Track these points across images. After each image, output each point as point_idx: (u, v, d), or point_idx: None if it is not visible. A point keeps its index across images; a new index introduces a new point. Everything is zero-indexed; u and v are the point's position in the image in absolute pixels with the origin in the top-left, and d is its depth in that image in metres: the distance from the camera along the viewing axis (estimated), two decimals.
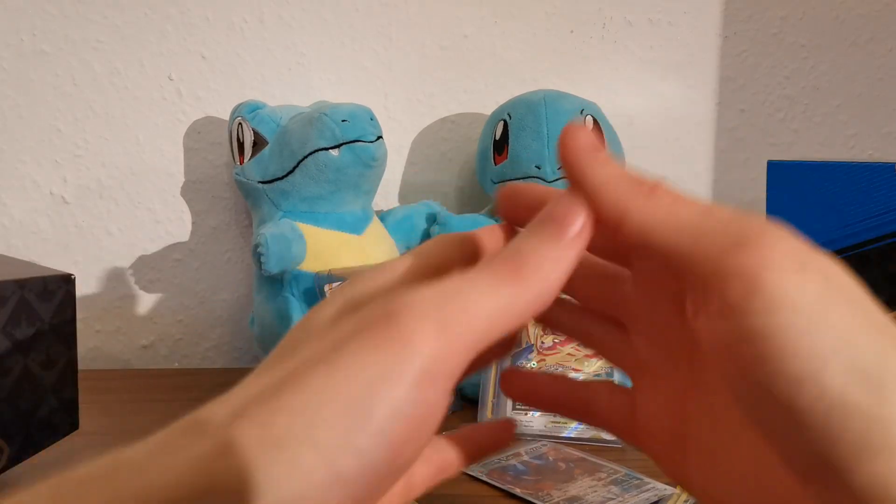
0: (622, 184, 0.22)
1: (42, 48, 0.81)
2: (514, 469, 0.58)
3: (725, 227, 0.20)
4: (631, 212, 0.21)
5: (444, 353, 0.20)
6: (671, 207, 0.21)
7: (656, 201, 0.21)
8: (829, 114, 0.88)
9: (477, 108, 0.86)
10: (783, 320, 0.18)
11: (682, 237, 0.21)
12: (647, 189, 0.22)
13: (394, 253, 0.77)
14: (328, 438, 0.19)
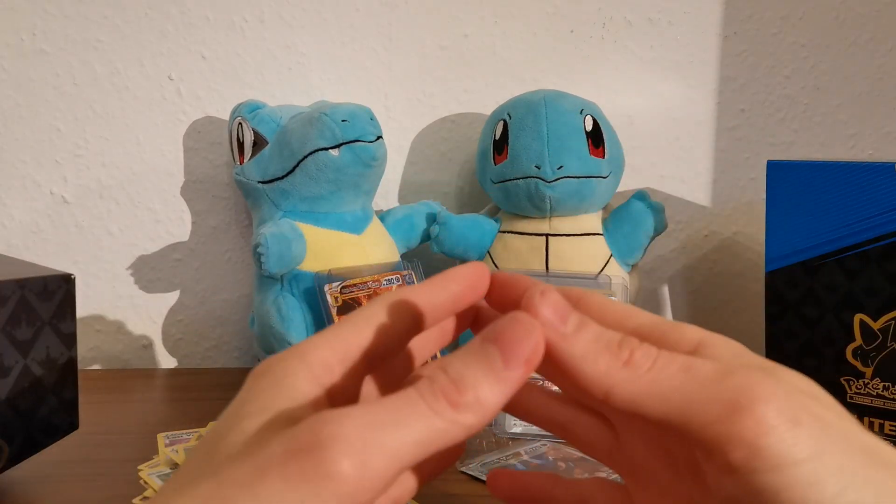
0: (600, 358, 0.22)
1: (42, 48, 0.81)
2: (514, 468, 0.58)
3: (712, 392, 0.21)
4: (614, 388, 0.22)
5: (366, 485, 0.20)
6: (652, 375, 0.21)
7: (635, 371, 0.22)
8: (829, 114, 0.88)
9: (477, 108, 0.86)
10: (787, 476, 0.20)
11: (671, 407, 0.21)
12: (624, 357, 0.22)
13: (394, 252, 0.77)
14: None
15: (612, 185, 0.75)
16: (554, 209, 0.73)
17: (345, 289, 0.69)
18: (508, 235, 0.76)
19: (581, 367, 0.22)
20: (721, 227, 0.89)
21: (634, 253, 0.74)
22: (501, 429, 0.65)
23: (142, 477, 0.52)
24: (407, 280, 0.73)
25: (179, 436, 0.58)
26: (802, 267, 0.64)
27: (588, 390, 0.22)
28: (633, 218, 0.74)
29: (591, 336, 0.22)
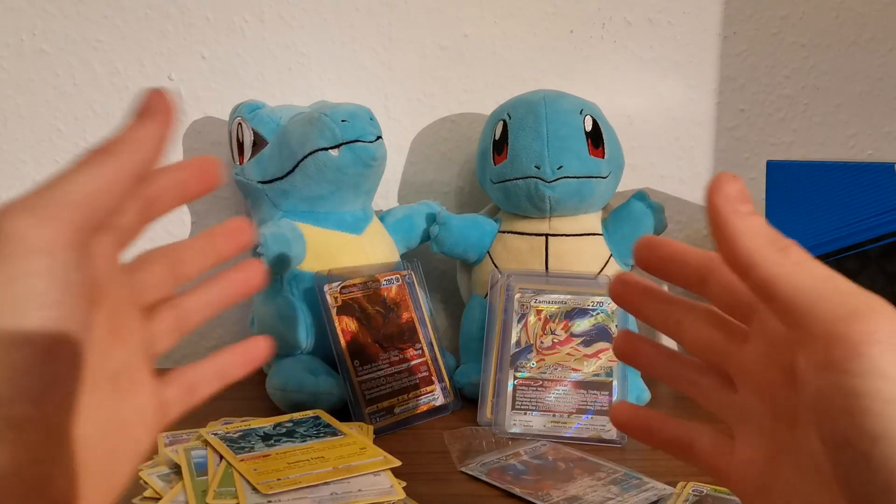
0: (759, 236, 0.25)
1: (42, 48, 0.81)
2: (514, 469, 0.58)
3: (843, 298, 0.23)
4: (762, 262, 0.24)
5: (53, 234, 0.22)
6: (798, 267, 0.24)
7: (787, 258, 0.24)
8: (828, 114, 0.88)
9: (477, 108, 0.86)
10: (874, 385, 0.22)
11: (803, 296, 0.24)
12: (781, 246, 0.25)
13: (394, 252, 0.77)
14: None
15: (612, 185, 0.75)
16: (554, 209, 0.73)
17: (345, 289, 0.69)
18: (508, 235, 0.76)
19: (741, 239, 0.25)
20: None
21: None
22: (501, 429, 0.65)
23: (142, 477, 0.52)
24: (407, 280, 0.73)
25: (179, 436, 0.58)
26: None
27: (738, 260, 0.25)
28: (633, 218, 0.74)
29: (759, 222, 0.25)
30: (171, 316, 0.31)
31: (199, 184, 0.30)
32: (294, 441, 0.57)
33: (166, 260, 0.31)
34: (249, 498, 0.48)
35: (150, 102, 0.26)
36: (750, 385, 0.29)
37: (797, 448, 0.26)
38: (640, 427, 0.33)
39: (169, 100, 0.26)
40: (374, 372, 0.67)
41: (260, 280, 0.33)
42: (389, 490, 0.50)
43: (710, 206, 0.26)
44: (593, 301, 0.69)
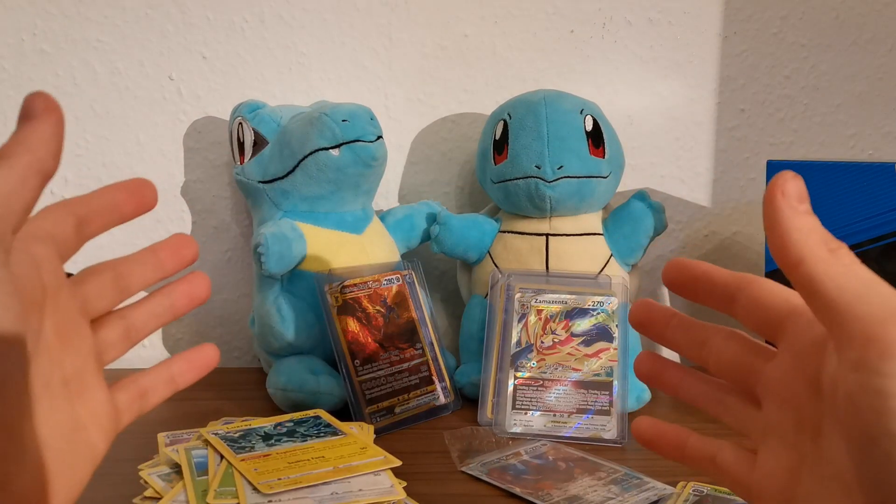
0: (812, 234, 0.26)
1: (42, 48, 0.81)
2: (514, 468, 0.58)
3: (884, 301, 0.24)
4: (811, 259, 0.25)
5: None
6: (845, 268, 0.25)
7: (835, 259, 0.25)
8: (829, 114, 0.88)
9: (477, 108, 0.86)
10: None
11: (845, 296, 0.24)
12: (832, 246, 0.26)
13: (394, 252, 0.77)
14: None
15: (612, 185, 0.75)
16: (554, 209, 0.73)
17: (345, 289, 0.69)
18: (508, 235, 0.76)
19: (794, 235, 0.26)
20: (721, 227, 0.89)
21: (634, 253, 0.75)
22: (502, 429, 0.65)
23: (142, 477, 0.52)
24: (407, 280, 0.73)
25: (180, 436, 0.58)
26: None
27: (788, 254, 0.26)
28: (633, 218, 0.74)
29: (814, 222, 0.26)
30: (119, 326, 0.33)
31: (133, 205, 0.32)
32: (294, 441, 0.57)
33: (111, 273, 0.32)
34: (250, 497, 0.48)
35: (33, 104, 0.27)
36: (775, 399, 0.29)
37: (820, 457, 0.27)
38: (665, 443, 0.34)
39: (51, 99, 0.27)
40: (375, 372, 0.67)
41: (205, 293, 0.35)
42: (390, 490, 0.51)
43: (769, 200, 0.26)
44: (594, 301, 0.69)
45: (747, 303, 0.30)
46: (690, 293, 0.32)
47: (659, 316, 0.33)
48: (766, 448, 0.30)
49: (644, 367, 0.35)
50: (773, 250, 0.27)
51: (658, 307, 0.34)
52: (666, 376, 0.34)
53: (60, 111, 0.27)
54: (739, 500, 0.52)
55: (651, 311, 0.34)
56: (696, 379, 0.33)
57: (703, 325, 0.33)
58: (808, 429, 0.28)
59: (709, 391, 0.33)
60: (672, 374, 0.34)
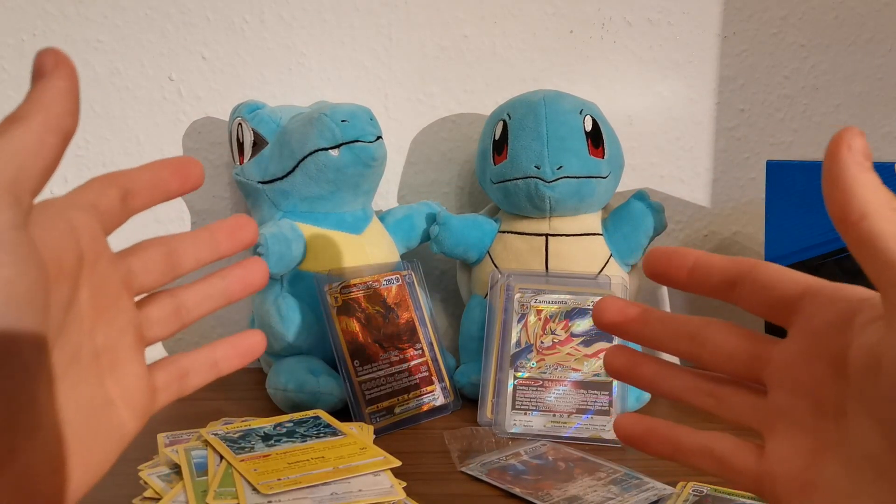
0: (879, 191, 0.25)
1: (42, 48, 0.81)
2: (514, 469, 0.58)
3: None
4: (874, 215, 0.25)
5: None
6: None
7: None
8: (828, 114, 0.88)
9: (477, 108, 0.86)
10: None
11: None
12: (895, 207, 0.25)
13: (394, 252, 0.77)
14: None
15: (612, 185, 0.75)
16: (554, 209, 0.73)
17: (345, 289, 0.69)
18: (508, 235, 0.76)
19: (861, 190, 0.25)
20: (721, 227, 0.89)
21: (634, 253, 0.75)
22: (501, 429, 0.65)
23: (142, 477, 0.52)
24: (407, 280, 0.73)
25: (179, 436, 0.58)
26: (802, 267, 0.64)
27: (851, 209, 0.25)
28: (633, 218, 0.74)
29: (878, 180, 0.26)
30: (169, 304, 0.32)
31: (179, 182, 0.31)
32: (294, 441, 0.57)
33: (163, 249, 0.31)
34: (250, 498, 0.48)
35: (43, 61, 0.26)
36: (786, 384, 0.28)
37: (846, 441, 0.26)
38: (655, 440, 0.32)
39: (61, 54, 0.26)
40: (375, 372, 0.67)
41: (261, 279, 0.34)
42: (390, 490, 0.51)
43: (833, 153, 0.26)
44: (593, 301, 0.69)
45: (753, 286, 0.29)
46: (684, 282, 0.31)
47: (633, 313, 0.32)
48: (777, 434, 0.29)
49: (617, 362, 0.33)
50: (832, 205, 0.26)
51: (626, 304, 0.32)
52: (642, 371, 0.32)
53: (72, 65, 0.26)
54: (740, 501, 0.52)
55: (621, 308, 0.32)
56: (678, 372, 0.32)
57: (686, 319, 0.31)
58: (830, 411, 0.27)
59: (695, 384, 0.31)
60: (648, 368, 0.32)
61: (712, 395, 0.31)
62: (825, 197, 0.26)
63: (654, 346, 0.32)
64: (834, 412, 0.27)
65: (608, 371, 0.33)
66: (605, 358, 0.33)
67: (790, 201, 0.64)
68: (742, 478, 0.30)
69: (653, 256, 0.31)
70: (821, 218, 0.63)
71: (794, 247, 0.65)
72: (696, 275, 0.30)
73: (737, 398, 0.30)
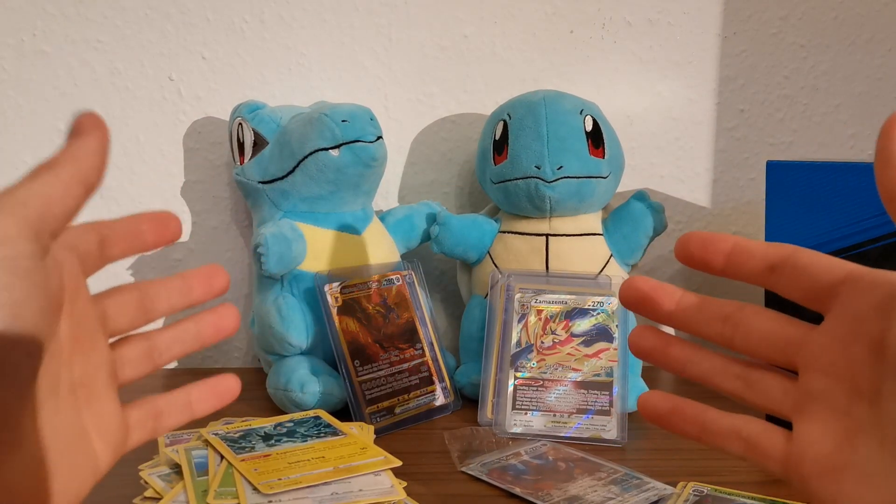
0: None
1: (42, 48, 0.81)
2: (514, 469, 0.58)
3: None
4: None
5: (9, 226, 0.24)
6: None
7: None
8: (828, 114, 0.88)
9: (477, 108, 0.86)
10: None
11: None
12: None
13: (394, 253, 0.77)
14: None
15: (612, 185, 0.75)
16: (554, 209, 0.73)
17: (345, 289, 0.69)
18: (508, 235, 0.76)
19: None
20: (721, 227, 0.89)
21: (634, 253, 0.75)
22: (502, 429, 0.65)
23: (142, 477, 0.52)
24: (407, 280, 0.73)
25: (180, 436, 0.58)
26: None
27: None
28: (633, 218, 0.74)
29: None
30: (141, 346, 0.33)
31: (155, 235, 0.33)
32: (295, 441, 0.57)
33: (137, 293, 0.33)
34: (250, 498, 0.48)
35: (82, 122, 0.28)
36: (821, 367, 0.29)
37: (882, 422, 0.27)
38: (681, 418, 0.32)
39: (98, 118, 0.28)
40: (375, 372, 0.67)
41: (233, 326, 0.35)
42: (390, 490, 0.51)
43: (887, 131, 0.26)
44: (594, 301, 0.69)
45: (793, 271, 0.29)
46: (722, 267, 0.30)
47: (663, 292, 0.31)
48: (809, 417, 0.29)
49: (645, 343, 0.32)
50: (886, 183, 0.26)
51: (659, 284, 0.32)
52: (671, 352, 0.32)
53: (107, 129, 0.29)
54: (740, 501, 0.52)
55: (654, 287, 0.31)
56: (707, 354, 0.31)
57: (719, 301, 0.31)
58: (865, 393, 0.27)
59: (724, 366, 0.31)
60: (678, 349, 0.32)
61: (742, 378, 0.31)
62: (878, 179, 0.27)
63: (684, 328, 0.31)
64: (869, 394, 0.27)
65: (635, 352, 0.33)
66: (631, 338, 0.32)
67: (790, 201, 0.64)
68: (769, 461, 0.30)
69: (689, 241, 0.31)
70: (821, 218, 0.63)
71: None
72: (734, 260, 0.30)
73: (767, 381, 0.30)
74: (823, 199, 0.63)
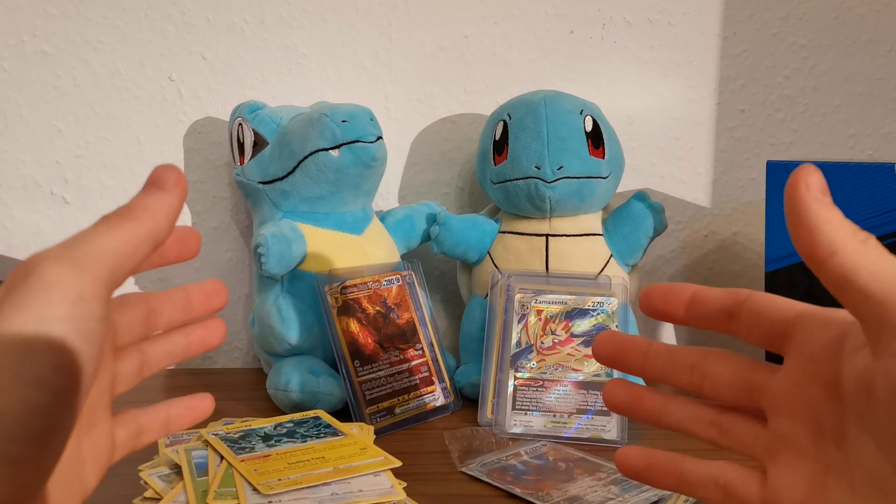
0: (842, 225, 0.25)
1: (43, 48, 0.81)
2: (514, 469, 0.58)
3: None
4: (843, 250, 0.25)
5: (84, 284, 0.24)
6: (878, 258, 0.25)
7: (867, 249, 0.25)
8: (828, 114, 0.88)
9: (477, 108, 0.86)
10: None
11: (882, 285, 0.24)
12: (861, 237, 0.25)
13: (394, 253, 0.77)
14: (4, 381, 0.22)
15: (612, 185, 0.75)
16: (554, 209, 0.73)
17: (345, 289, 0.69)
18: (508, 236, 0.76)
19: (825, 227, 0.25)
20: (721, 227, 0.89)
21: (634, 253, 0.75)
22: (502, 429, 0.65)
23: (142, 477, 0.52)
24: (407, 281, 0.73)
25: (180, 436, 0.58)
26: (802, 267, 0.64)
27: (819, 247, 0.25)
28: (633, 218, 0.74)
29: (840, 214, 0.26)
30: (136, 360, 0.33)
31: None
32: (295, 441, 0.57)
33: (145, 309, 0.33)
34: (250, 498, 0.48)
35: (164, 176, 0.28)
36: (785, 411, 0.29)
37: (849, 463, 0.26)
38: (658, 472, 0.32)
39: (181, 175, 0.28)
40: (375, 372, 0.67)
41: (217, 341, 0.36)
42: (390, 490, 0.51)
43: (792, 194, 0.26)
44: (593, 301, 0.69)
45: (749, 316, 0.29)
46: (684, 317, 0.31)
47: (632, 346, 0.32)
48: (779, 461, 0.29)
49: (618, 399, 0.32)
50: (801, 244, 0.26)
51: (627, 337, 0.32)
52: (644, 405, 0.32)
53: (186, 187, 0.29)
54: None
55: (623, 342, 0.32)
56: (680, 403, 0.32)
57: (685, 349, 0.31)
58: (830, 435, 0.27)
59: (697, 414, 0.31)
60: (650, 401, 0.32)
61: (715, 425, 0.31)
62: (792, 238, 0.26)
63: (656, 379, 0.32)
64: (834, 436, 0.27)
65: (609, 406, 0.33)
66: (604, 393, 0.33)
67: None
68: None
69: (650, 294, 0.31)
70: None
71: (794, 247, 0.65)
72: (694, 310, 0.31)
73: (739, 427, 0.30)
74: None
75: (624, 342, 0.32)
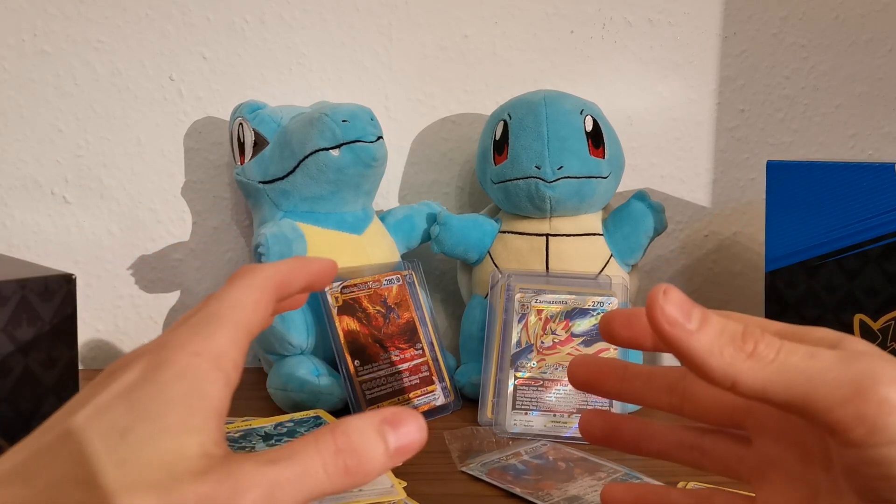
0: (725, 350, 0.23)
1: (43, 48, 0.81)
2: (514, 468, 0.58)
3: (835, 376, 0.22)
4: (740, 377, 0.23)
5: (231, 344, 0.25)
6: (776, 365, 0.23)
7: (760, 360, 0.23)
8: (828, 114, 0.88)
9: (477, 108, 0.86)
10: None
11: (795, 393, 0.23)
12: (748, 349, 0.23)
13: (394, 252, 0.77)
14: None
15: (612, 185, 0.75)
16: (554, 209, 0.73)
17: (345, 289, 0.69)
18: (509, 235, 0.76)
19: (707, 360, 0.23)
20: (721, 227, 0.89)
21: (634, 253, 0.75)
22: (502, 429, 0.65)
23: None
24: (407, 280, 0.73)
25: None
26: (802, 267, 0.64)
27: (715, 382, 0.24)
28: (633, 218, 0.74)
29: (715, 330, 0.24)
30: None
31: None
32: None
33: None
34: None
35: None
36: (770, 434, 0.28)
37: (839, 488, 0.26)
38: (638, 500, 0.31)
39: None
40: (375, 372, 0.67)
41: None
42: (390, 490, 0.51)
43: (660, 333, 0.24)
44: (594, 301, 0.69)
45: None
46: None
47: (608, 370, 0.30)
48: (768, 484, 0.28)
49: (594, 429, 0.31)
50: (699, 375, 0.24)
51: (603, 361, 0.31)
52: (622, 434, 0.31)
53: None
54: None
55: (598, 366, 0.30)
56: (659, 429, 0.31)
57: (662, 370, 0.30)
58: (818, 459, 0.26)
59: (677, 439, 0.30)
60: (628, 430, 0.31)
61: (696, 450, 0.30)
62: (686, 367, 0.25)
63: (632, 401, 0.31)
64: (821, 460, 0.26)
65: (586, 439, 0.32)
66: (581, 424, 0.32)
67: (790, 202, 0.64)
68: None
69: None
70: (821, 218, 0.63)
71: (794, 247, 0.65)
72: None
73: (721, 450, 0.30)
74: (823, 199, 0.63)
75: (600, 366, 0.30)
